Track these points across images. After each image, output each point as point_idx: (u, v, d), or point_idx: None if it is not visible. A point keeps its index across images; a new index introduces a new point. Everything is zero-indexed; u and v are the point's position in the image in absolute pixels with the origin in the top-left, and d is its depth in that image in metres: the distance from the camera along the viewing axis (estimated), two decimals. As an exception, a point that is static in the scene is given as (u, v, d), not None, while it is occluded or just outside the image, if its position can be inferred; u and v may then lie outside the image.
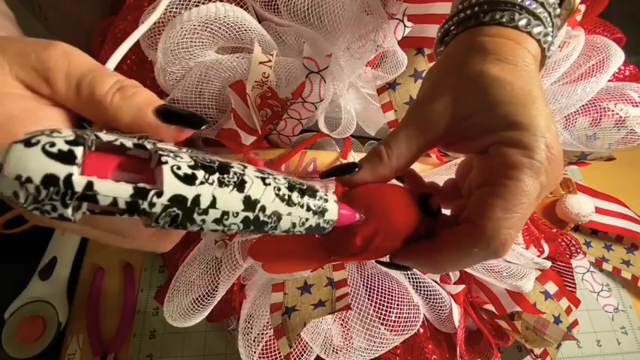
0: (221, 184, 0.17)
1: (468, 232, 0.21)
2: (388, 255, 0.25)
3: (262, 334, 0.39)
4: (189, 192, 0.16)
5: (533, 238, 0.45)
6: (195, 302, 0.39)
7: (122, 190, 0.16)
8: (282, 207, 0.19)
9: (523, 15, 0.23)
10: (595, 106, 0.42)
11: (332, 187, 0.40)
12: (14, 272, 0.48)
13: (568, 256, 0.49)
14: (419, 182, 0.27)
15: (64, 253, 0.50)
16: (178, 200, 0.16)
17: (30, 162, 0.15)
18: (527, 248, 0.44)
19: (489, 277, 0.44)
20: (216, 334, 0.49)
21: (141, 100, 0.20)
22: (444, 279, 0.45)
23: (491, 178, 0.21)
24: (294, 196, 0.19)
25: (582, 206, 0.56)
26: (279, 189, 0.19)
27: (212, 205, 0.17)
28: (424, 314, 0.41)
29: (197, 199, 0.17)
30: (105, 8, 0.44)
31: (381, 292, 0.39)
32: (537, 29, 0.23)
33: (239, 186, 0.18)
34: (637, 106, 0.42)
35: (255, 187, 0.18)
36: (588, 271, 0.59)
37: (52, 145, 0.15)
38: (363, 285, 0.40)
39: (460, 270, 0.46)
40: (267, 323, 0.39)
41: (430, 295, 0.42)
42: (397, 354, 0.42)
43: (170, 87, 0.36)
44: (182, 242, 0.39)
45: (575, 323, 0.48)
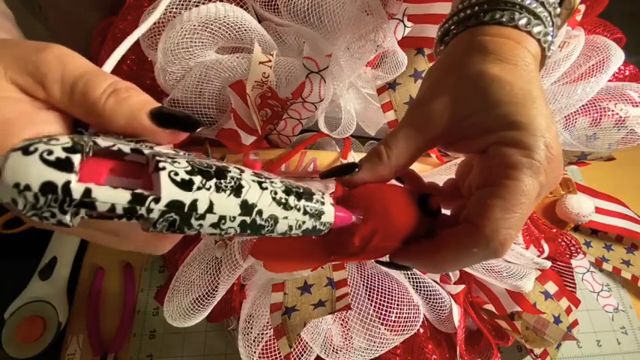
0: (218, 189, 0.17)
1: (468, 232, 0.21)
2: (388, 255, 0.25)
3: (262, 334, 0.39)
4: (186, 197, 0.17)
5: (533, 238, 0.45)
6: (195, 302, 0.39)
7: (120, 197, 0.16)
8: (278, 210, 0.19)
9: (523, 14, 0.23)
10: (595, 106, 0.42)
11: (332, 187, 0.40)
12: (14, 272, 0.48)
13: (568, 256, 0.49)
14: (418, 182, 0.27)
15: (64, 253, 0.50)
16: (176, 206, 0.17)
17: (28, 170, 0.15)
18: (527, 248, 0.44)
19: (489, 277, 0.44)
20: (216, 334, 0.49)
21: (134, 104, 0.19)
22: (444, 279, 0.45)
23: (490, 178, 0.21)
24: (290, 200, 0.20)
25: (582, 206, 0.56)
26: (275, 193, 0.19)
27: (209, 210, 0.17)
28: (424, 314, 0.41)
29: (194, 205, 0.17)
30: (105, 8, 0.44)
31: (381, 292, 0.39)
32: (537, 29, 0.23)
33: (236, 190, 0.18)
34: (637, 106, 0.42)
35: (252, 192, 0.18)
36: (588, 271, 0.59)
37: (50, 153, 0.15)
38: (363, 285, 0.40)
39: (460, 270, 0.46)
40: (267, 323, 0.39)
41: (430, 295, 0.42)
42: (397, 354, 0.42)
43: (170, 87, 0.36)
44: (182, 242, 0.39)
45: (575, 323, 0.48)
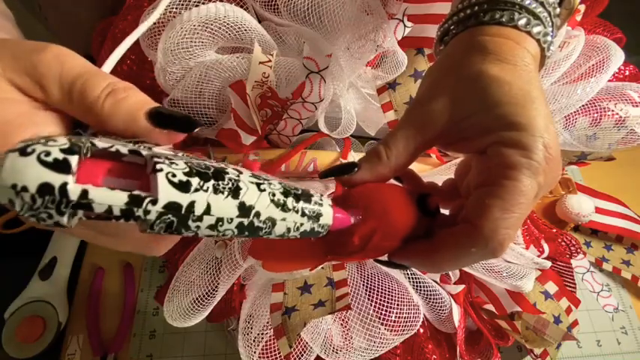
0: (216, 191, 0.17)
1: (466, 232, 0.21)
2: (387, 254, 0.25)
3: (262, 334, 0.39)
4: (183, 199, 0.17)
5: (533, 238, 0.45)
6: (195, 302, 0.39)
7: (117, 198, 0.16)
8: (276, 212, 0.19)
9: (523, 14, 0.23)
10: (595, 106, 0.42)
11: (332, 187, 0.40)
12: (14, 272, 0.48)
13: (568, 256, 0.49)
14: (417, 182, 0.27)
15: (64, 253, 0.50)
16: (173, 207, 0.16)
17: (25, 171, 0.15)
18: (527, 248, 0.44)
19: (489, 277, 0.44)
20: (216, 334, 0.49)
21: (132, 104, 0.19)
22: (444, 279, 0.45)
23: (489, 179, 0.21)
24: (289, 202, 0.19)
25: (582, 206, 0.56)
26: (274, 194, 0.19)
27: (206, 212, 0.17)
28: (424, 314, 0.41)
29: (192, 206, 0.17)
30: (105, 8, 0.44)
31: (381, 292, 0.39)
32: (537, 29, 0.23)
33: (234, 192, 0.18)
34: (637, 106, 0.42)
35: (249, 193, 0.18)
36: (588, 271, 0.59)
37: (47, 154, 0.15)
38: (363, 285, 0.40)
39: (460, 270, 0.46)
40: (267, 323, 0.39)
41: (430, 295, 0.42)
42: (397, 354, 0.42)
43: (170, 87, 0.36)
44: (182, 242, 0.39)
45: (575, 323, 0.48)
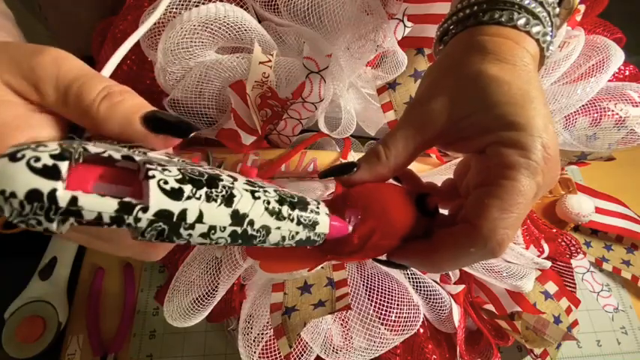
0: (208, 199, 0.17)
1: (465, 232, 0.21)
2: (386, 254, 0.25)
3: (262, 334, 0.39)
4: (175, 207, 0.16)
5: (533, 238, 0.45)
6: (195, 302, 0.39)
7: (107, 205, 0.16)
8: (271, 221, 0.19)
9: (522, 14, 0.23)
10: (595, 106, 0.42)
11: (332, 187, 0.40)
12: (14, 272, 0.48)
13: (568, 256, 0.49)
14: (416, 182, 0.27)
15: (64, 253, 0.50)
16: (164, 215, 0.16)
17: (14, 177, 0.15)
18: (527, 248, 0.44)
19: (489, 277, 0.44)
20: (216, 334, 0.49)
21: (128, 107, 0.19)
22: (444, 279, 0.45)
23: (488, 178, 0.21)
24: (284, 210, 0.19)
25: (582, 206, 0.56)
26: (268, 202, 0.19)
27: (199, 220, 0.17)
28: (424, 314, 0.41)
29: (183, 214, 0.16)
30: (105, 8, 0.45)
31: (381, 292, 0.39)
32: (536, 29, 0.23)
33: (227, 200, 0.17)
34: (637, 106, 0.42)
35: (243, 201, 0.18)
36: (588, 271, 0.59)
37: (37, 160, 0.15)
38: (363, 285, 0.40)
39: (460, 270, 0.46)
40: (267, 323, 0.39)
41: (430, 295, 0.42)
42: (397, 354, 0.42)
43: (170, 87, 0.36)
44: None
45: (575, 323, 0.48)
